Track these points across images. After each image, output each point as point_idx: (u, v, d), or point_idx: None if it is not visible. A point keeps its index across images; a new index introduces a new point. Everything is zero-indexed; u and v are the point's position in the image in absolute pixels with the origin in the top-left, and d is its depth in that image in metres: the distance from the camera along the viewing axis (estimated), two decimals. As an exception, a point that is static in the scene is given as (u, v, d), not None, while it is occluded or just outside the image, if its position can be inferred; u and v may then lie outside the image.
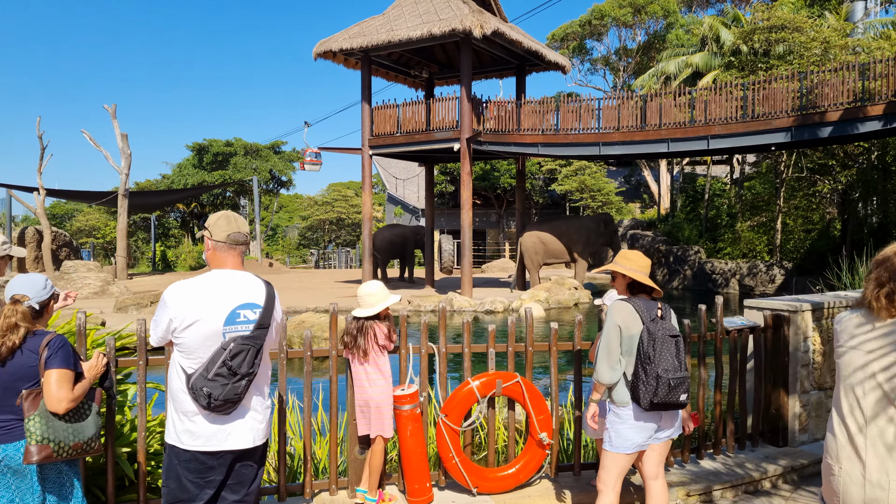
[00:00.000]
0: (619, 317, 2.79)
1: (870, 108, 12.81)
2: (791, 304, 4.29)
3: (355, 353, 3.34)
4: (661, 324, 2.77)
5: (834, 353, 2.16)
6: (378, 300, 3.36)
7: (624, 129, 15.40)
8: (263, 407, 2.39)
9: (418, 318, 14.53)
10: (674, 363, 2.69)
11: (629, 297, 2.87)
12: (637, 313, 2.78)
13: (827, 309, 4.44)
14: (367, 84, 17.85)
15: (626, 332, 2.78)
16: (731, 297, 18.59)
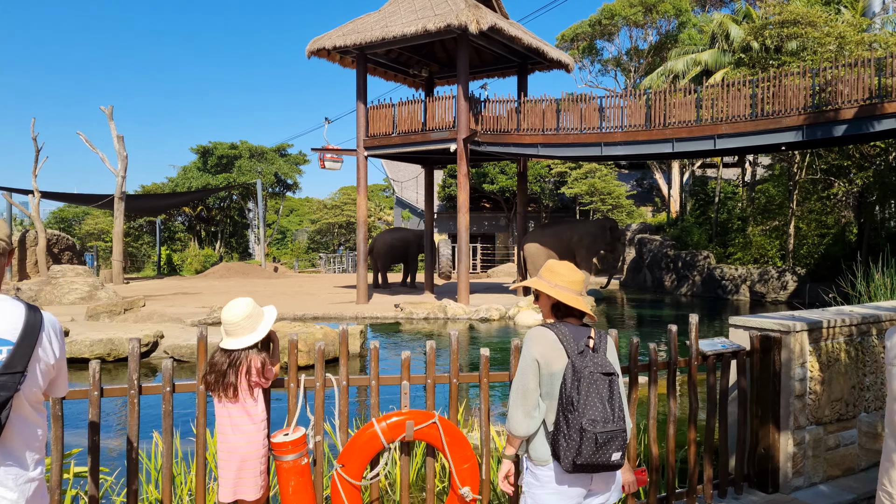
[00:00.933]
0: (538, 348, 2.19)
1: (887, 105, 12.03)
2: (783, 322, 3.64)
3: (220, 392, 2.69)
4: (592, 358, 2.16)
5: (886, 371, 2.06)
6: (253, 324, 2.74)
7: (627, 129, 14.73)
8: (22, 480, 1.70)
9: (411, 325, 13.96)
10: (604, 412, 2.08)
11: (553, 323, 2.26)
12: (561, 344, 2.18)
13: (826, 329, 3.78)
14: (362, 83, 17.33)
15: (546, 368, 2.18)
16: (742, 304, 17.80)
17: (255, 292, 20.54)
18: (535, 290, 2.32)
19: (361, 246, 17.72)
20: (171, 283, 25.11)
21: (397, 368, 2.90)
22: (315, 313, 14.57)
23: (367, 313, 14.67)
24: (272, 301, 17.91)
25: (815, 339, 3.73)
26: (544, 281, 2.30)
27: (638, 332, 13.21)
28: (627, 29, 35.14)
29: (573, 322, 2.27)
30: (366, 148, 17.29)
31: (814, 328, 3.71)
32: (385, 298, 18.19)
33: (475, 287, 22.76)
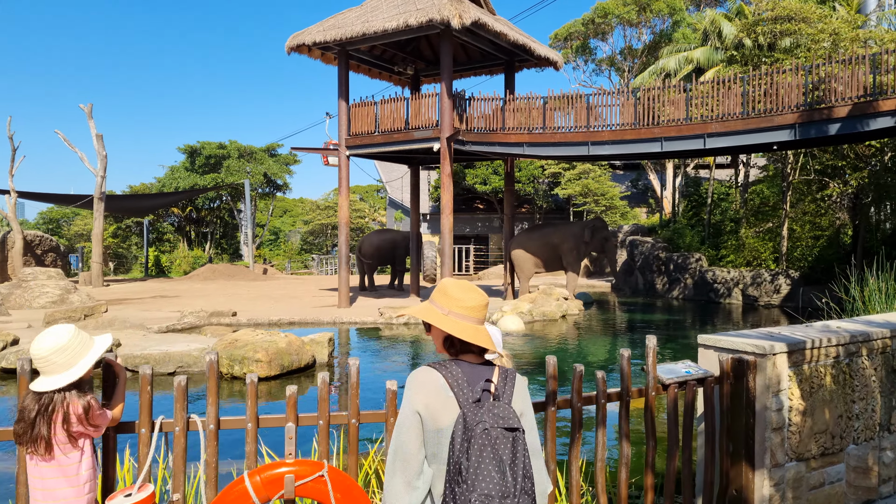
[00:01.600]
0: (420, 398, 1.70)
1: (881, 103, 11.58)
2: (758, 343, 3.16)
3: (30, 447, 2.13)
4: (491, 409, 1.67)
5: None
6: (70, 358, 2.17)
7: (615, 128, 14.26)
8: None
9: (391, 331, 13.47)
10: (502, 482, 1.59)
11: (443, 362, 1.78)
12: (451, 390, 1.69)
13: (809, 350, 3.30)
14: (344, 80, 16.85)
15: (431, 422, 1.69)
16: (734, 308, 17.34)
17: (236, 295, 20.03)
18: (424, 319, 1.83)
19: (343, 248, 17.22)
20: (153, 285, 24.59)
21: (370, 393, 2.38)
22: (292, 318, 14.07)
23: (347, 318, 14.18)
24: (252, 305, 17.44)
25: (795, 363, 3.25)
26: (435, 307, 1.81)
27: (626, 337, 12.74)
28: (621, 28, 34.69)
29: (471, 360, 1.78)
30: (348, 147, 16.80)
31: (794, 350, 3.23)
32: (370, 302, 17.70)
33: (463, 290, 22.29)
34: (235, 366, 8.48)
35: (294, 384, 2.41)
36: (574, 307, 16.12)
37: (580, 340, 12.10)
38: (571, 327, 13.87)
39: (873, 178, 16.03)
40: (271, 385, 8.37)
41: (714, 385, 3.03)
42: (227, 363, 8.54)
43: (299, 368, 8.84)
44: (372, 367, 9.37)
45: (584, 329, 13.67)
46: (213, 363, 2.29)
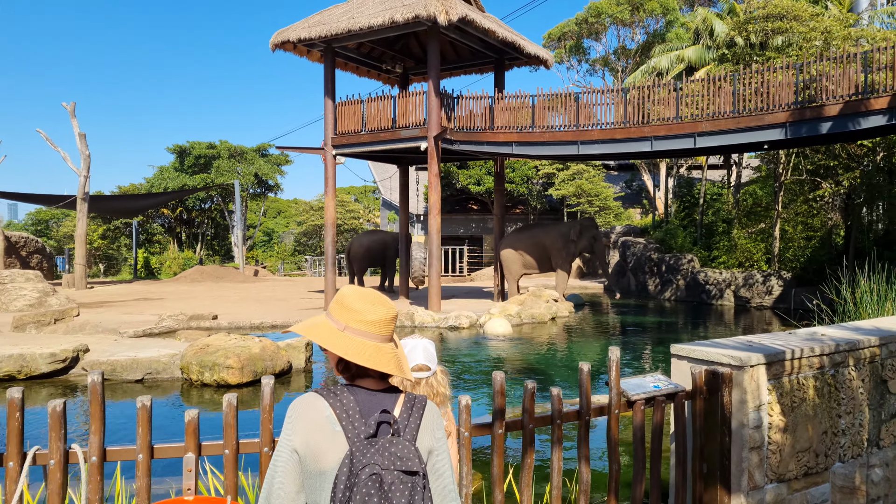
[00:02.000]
0: (300, 433, 1.42)
1: (873, 101, 11.35)
2: (734, 354, 2.89)
3: None
4: (388, 446, 1.39)
5: None
6: None
7: (604, 127, 14.02)
8: None
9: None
10: None
11: (333, 389, 1.49)
12: (339, 424, 1.42)
13: (791, 361, 3.03)
14: (329, 77, 16.56)
15: (311, 464, 1.40)
16: (726, 310, 17.11)
17: (221, 297, 19.71)
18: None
19: (330, 249, 16.93)
20: (139, 287, 24.24)
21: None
22: (275, 321, 13.76)
23: (330, 321, 13.87)
24: (237, 307, 17.12)
25: (775, 375, 2.98)
26: (331, 321, 1.53)
27: (615, 340, 12.48)
28: (615, 28, 34.50)
29: (370, 385, 1.50)
30: (334, 146, 16.52)
31: (774, 361, 2.96)
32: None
33: (456, 291, 21.99)
34: (206, 372, 8.19)
35: (232, 395, 2.12)
36: (564, 309, 15.86)
37: (568, 344, 11.84)
38: (560, 330, 13.61)
39: (865, 179, 15.83)
40: (244, 392, 8.07)
41: (685, 401, 2.76)
42: (196, 370, 8.24)
43: (273, 375, 8.53)
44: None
45: (573, 332, 13.41)
46: (97, 385, 2.01)
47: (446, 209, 40.89)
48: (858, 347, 3.32)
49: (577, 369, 3.45)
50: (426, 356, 2.20)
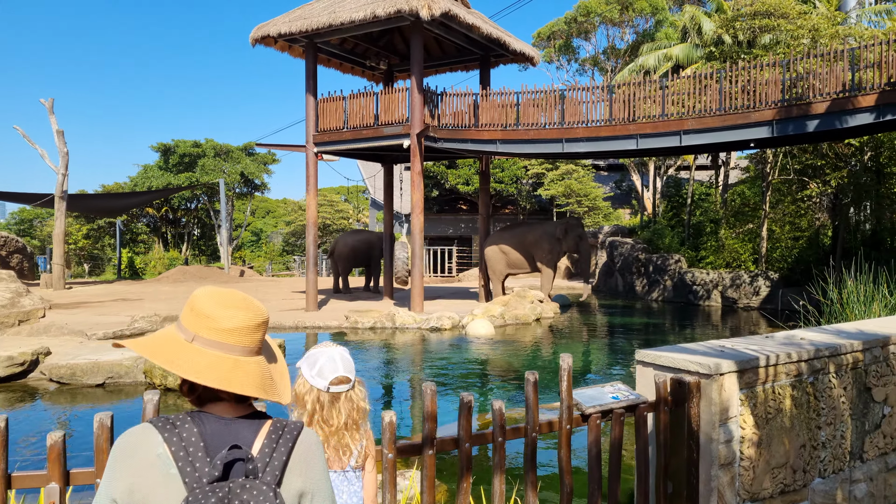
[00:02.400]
0: (122, 476, 1.12)
1: (861, 99, 11.17)
2: (703, 361, 2.62)
3: None
4: (238, 493, 1.10)
5: None
6: None
7: (590, 124, 13.78)
8: None
9: (356, 335, 12.89)
10: None
11: (174, 419, 1.19)
12: (174, 464, 1.13)
13: (765, 368, 2.77)
14: (311, 74, 16.24)
15: None
16: (713, 311, 16.92)
17: (203, 297, 19.32)
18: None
19: (311, 249, 16.60)
20: (119, 287, 23.81)
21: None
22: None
23: (310, 322, 13.57)
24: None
25: (748, 383, 2.72)
26: (179, 330, 1.24)
27: (599, 342, 12.25)
28: (605, 27, 34.35)
29: (223, 411, 1.21)
30: (315, 144, 16.20)
31: (746, 368, 2.69)
32: (341, 305, 17.09)
33: (442, 291, 21.71)
34: (170, 376, 7.86)
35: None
36: (549, 310, 15.61)
37: (551, 346, 11.58)
38: (545, 331, 13.36)
39: (852, 178, 15.68)
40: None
41: (648, 413, 2.49)
42: (160, 373, 7.91)
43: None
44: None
45: (557, 333, 13.16)
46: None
47: (435, 209, 40.64)
48: (840, 353, 3.06)
49: (557, 372, 3.12)
50: (345, 366, 1.92)
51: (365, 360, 10.08)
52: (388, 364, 9.74)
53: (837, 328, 3.61)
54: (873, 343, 3.21)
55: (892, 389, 3.29)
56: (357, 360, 10.05)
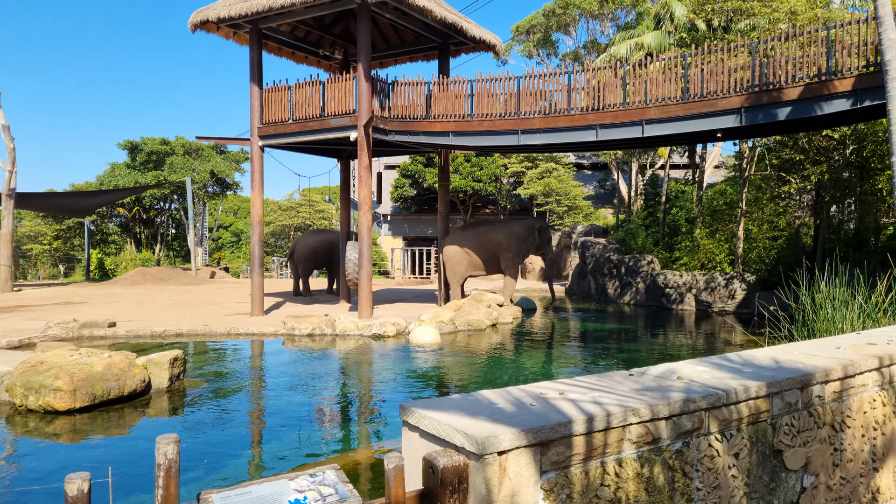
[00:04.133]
0: None
1: (836, 84, 10.17)
2: (474, 428, 1.56)
3: None
4: None
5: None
6: None
7: (547, 114, 12.75)
8: None
9: (293, 343, 11.81)
10: None
11: None
12: None
13: (588, 436, 1.71)
14: (256, 62, 15.15)
15: None
16: (686, 315, 15.90)
17: (150, 301, 18.19)
18: None
19: (256, 250, 15.51)
20: (71, 290, 22.64)
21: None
22: (180, 329, 12.33)
23: (244, 329, 12.48)
24: (157, 313, 15.61)
25: (557, 462, 1.66)
26: None
27: (556, 353, 11.20)
28: (585, 21, 33.38)
29: None
30: (261, 137, 15.12)
31: (553, 439, 1.64)
32: (294, 309, 16.01)
33: (405, 294, 20.64)
34: (31, 396, 6.77)
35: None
36: (509, 315, 14.56)
37: (499, 356, 10.52)
38: (499, 339, 12.30)
39: (834, 174, 14.69)
40: (76, 420, 6.68)
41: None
42: (21, 392, 6.83)
43: (121, 398, 7.14)
44: (231, 403, 7.71)
45: (512, 341, 12.11)
46: None
47: (414, 209, 39.59)
48: (728, 402, 2.01)
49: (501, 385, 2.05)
50: None
51: (287, 372, 9.00)
52: (309, 378, 8.67)
53: (746, 359, 2.56)
54: (786, 384, 2.16)
55: (816, 450, 2.24)
56: (278, 373, 8.98)
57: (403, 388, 8.04)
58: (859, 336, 3.13)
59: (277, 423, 6.59)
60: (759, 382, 2.08)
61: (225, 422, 6.58)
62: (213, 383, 8.24)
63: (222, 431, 6.29)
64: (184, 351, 8.32)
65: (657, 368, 2.33)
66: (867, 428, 2.43)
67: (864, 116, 11.41)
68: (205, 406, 7.21)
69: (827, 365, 2.33)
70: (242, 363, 9.75)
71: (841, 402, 2.32)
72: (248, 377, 8.75)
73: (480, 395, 1.92)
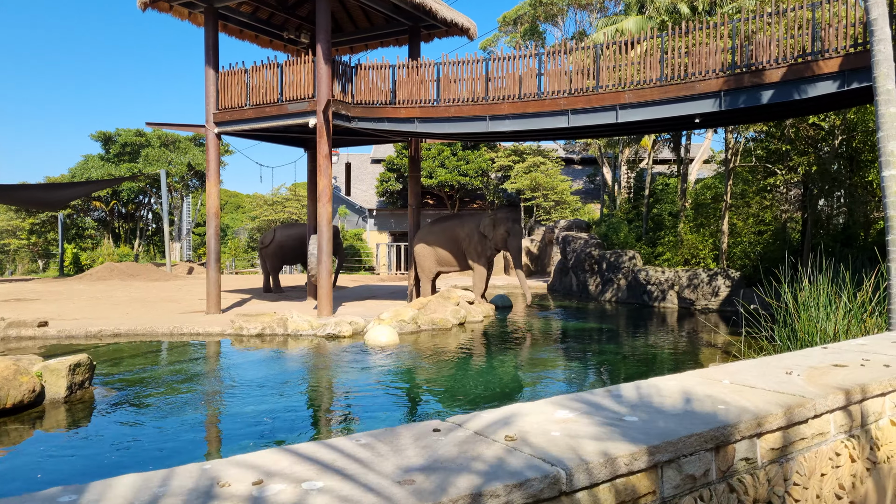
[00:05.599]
0: None
1: (822, 64, 9.36)
2: None
3: None
4: None
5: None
6: None
7: (516, 99, 11.91)
8: None
9: (241, 343, 10.96)
10: None
11: None
12: None
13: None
14: (212, 43, 14.24)
15: None
16: (668, 313, 15.09)
17: (107, 298, 17.28)
18: None
19: (212, 244, 14.63)
20: (31, 286, 21.72)
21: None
22: (118, 329, 11.45)
23: (188, 329, 11.61)
24: (108, 311, 14.65)
25: None
26: None
27: (522, 355, 10.38)
28: (573, 11, 32.50)
29: None
30: (216, 123, 14.24)
31: None
32: (260, 306, 15.14)
33: (378, 291, 19.78)
34: None
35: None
36: (479, 313, 13.74)
37: (461, 359, 9.69)
38: (466, 339, 11.47)
39: (822, 166, 13.89)
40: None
41: None
42: None
43: (4, 410, 6.27)
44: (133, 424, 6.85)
45: (478, 342, 11.28)
46: None
47: (400, 203, 38.69)
48: (571, 489, 1.16)
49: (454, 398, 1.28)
50: None
51: (219, 378, 8.14)
52: (241, 386, 7.82)
53: (647, 393, 1.73)
54: (687, 445, 1.32)
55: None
56: (207, 380, 8.13)
57: (341, 401, 7.21)
58: (825, 352, 2.31)
59: (187, 442, 5.74)
60: (636, 447, 1.25)
61: (125, 439, 5.72)
62: (128, 392, 7.38)
63: (118, 451, 5.42)
64: (89, 355, 7.43)
65: (488, 416, 1.50)
66: (828, 498, 1.62)
67: (852, 100, 10.62)
68: (106, 420, 6.35)
69: (761, 408, 1.51)
70: (172, 367, 8.89)
71: (784, 464, 1.52)
72: (172, 385, 7.89)
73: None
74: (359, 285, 23.07)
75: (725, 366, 2.16)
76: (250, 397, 7.12)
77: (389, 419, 6.27)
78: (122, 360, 9.33)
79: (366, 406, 6.87)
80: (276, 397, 7.13)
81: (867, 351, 2.39)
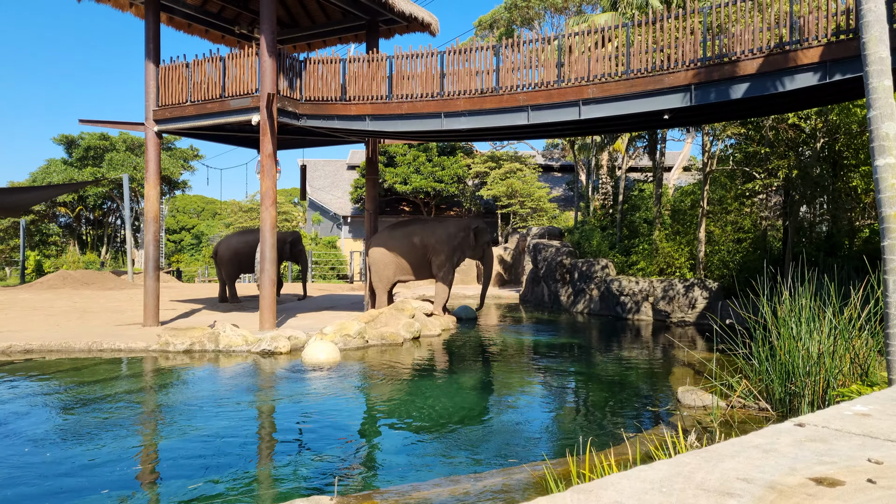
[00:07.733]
0: None
1: (801, 54, 8.50)
2: None
3: None
4: None
5: None
6: None
7: (472, 94, 10.97)
8: None
9: (166, 361, 9.86)
10: None
11: None
12: None
13: None
14: (152, 36, 13.20)
15: None
16: (643, 326, 14.14)
17: (41, 308, 16.06)
18: None
19: (150, 250, 13.52)
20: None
21: None
22: (31, 345, 10.31)
23: (108, 344, 10.50)
24: (41, 322, 13.49)
25: None
26: None
27: (475, 376, 9.36)
28: (550, 15, 31.81)
29: None
30: (157, 121, 13.17)
31: None
32: (208, 318, 14.01)
33: (339, 301, 18.67)
34: None
35: None
36: (437, 326, 12.74)
37: (405, 381, 8.66)
38: (416, 357, 10.44)
39: (803, 170, 13.07)
40: None
41: None
42: None
43: None
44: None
45: (430, 360, 10.25)
46: None
47: (379, 210, 37.62)
48: None
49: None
50: None
51: (118, 404, 7.04)
52: (138, 416, 6.74)
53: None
54: None
55: None
56: (102, 407, 7.02)
57: (213, 444, 6.15)
58: (801, 439, 1.24)
59: (46, 490, 4.65)
60: None
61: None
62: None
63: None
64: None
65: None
66: None
67: (834, 96, 9.78)
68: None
69: None
70: (64, 392, 7.78)
71: None
72: (52, 414, 6.79)
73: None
74: (324, 294, 22.00)
75: (618, 481, 1.18)
76: (120, 436, 6.04)
77: (250, 476, 5.23)
78: (15, 381, 8.20)
79: (240, 454, 5.83)
80: (152, 435, 6.06)
81: (874, 432, 1.31)
